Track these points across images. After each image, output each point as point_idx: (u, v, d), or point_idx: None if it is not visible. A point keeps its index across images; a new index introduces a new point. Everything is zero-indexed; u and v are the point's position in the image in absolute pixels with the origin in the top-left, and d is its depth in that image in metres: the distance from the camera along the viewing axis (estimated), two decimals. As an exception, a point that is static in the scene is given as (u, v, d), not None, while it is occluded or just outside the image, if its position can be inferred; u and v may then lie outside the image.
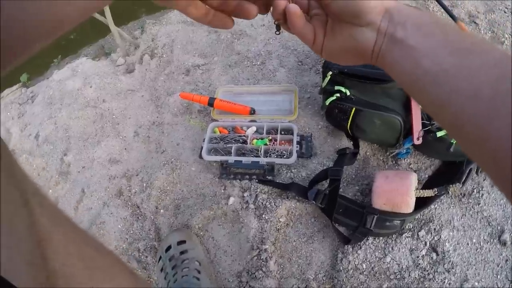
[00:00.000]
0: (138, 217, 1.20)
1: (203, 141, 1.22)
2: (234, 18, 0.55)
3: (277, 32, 0.55)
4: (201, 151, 1.21)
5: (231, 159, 1.16)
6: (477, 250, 1.02)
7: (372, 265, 1.03)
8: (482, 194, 1.09)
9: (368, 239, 1.06)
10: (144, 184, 1.24)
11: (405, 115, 1.05)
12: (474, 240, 1.04)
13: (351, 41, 0.48)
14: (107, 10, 1.44)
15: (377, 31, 0.45)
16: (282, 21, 0.50)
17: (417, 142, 1.06)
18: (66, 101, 1.51)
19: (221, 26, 0.56)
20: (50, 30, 0.41)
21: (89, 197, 1.27)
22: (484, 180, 1.11)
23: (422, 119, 1.04)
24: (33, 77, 1.82)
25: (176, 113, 1.38)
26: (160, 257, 1.08)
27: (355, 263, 1.04)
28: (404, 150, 1.13)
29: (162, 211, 1.19)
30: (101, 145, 1.37)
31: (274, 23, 0.53)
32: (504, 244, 1.02)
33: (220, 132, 1.25)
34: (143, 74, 1.53)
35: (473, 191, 1.10)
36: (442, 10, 1.31)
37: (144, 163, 1.29)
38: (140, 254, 1.14)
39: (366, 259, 1.04)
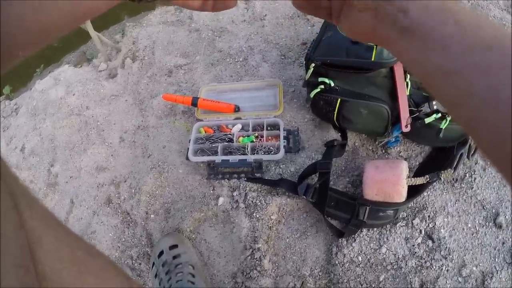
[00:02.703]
0: (129, 224, 1.18)
1: (189, 142, 1.20)
2: (215, 14, 0.56)
3: None
4: (187, 152, 1.18)
5: (218, 158, 1.14)
6: (473, 235, 1.01)
7: (368, 257, 1.02)
8: (475, 178, 1.08)
9: (362, 231, 1.04)
10: (133, 190, 1.22)
11: (391, 103, 1.04)
12: (469, 225, 1.03)
13: (354, 23, 0.46)
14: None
15: (374, 16, 0.42)
16: None
17: (405, 129, 1.05)
18: (50, 110, 1.48)
19: (225, 7, 0.56)
20: (35, 37, 0.41)
21: (79, 207, 1.26)
22: (476, 164, 1.10)
23: (410, 106, 1.02)
24: (16, 88, 1.79)
25: (160, 116, 1.36)
26: (153, 263, 1.07)
27: (351, 256, 1.02)
28: (393, 139, 1.11)
29: (152, 216, 1.17)
30: (87, 153, 1.35)
31: None
32: (499, 226, 1.02)
33: (205, 132, 1.23)
34: (125, 78, 1.51)
35: (465, 176, 1.09)
36: None
37: (132, 169, 1.27)
38: (133, 261, 1.13)
39: (361, 251, 1.02)
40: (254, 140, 1.18)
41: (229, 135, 1.20)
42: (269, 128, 1.21)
